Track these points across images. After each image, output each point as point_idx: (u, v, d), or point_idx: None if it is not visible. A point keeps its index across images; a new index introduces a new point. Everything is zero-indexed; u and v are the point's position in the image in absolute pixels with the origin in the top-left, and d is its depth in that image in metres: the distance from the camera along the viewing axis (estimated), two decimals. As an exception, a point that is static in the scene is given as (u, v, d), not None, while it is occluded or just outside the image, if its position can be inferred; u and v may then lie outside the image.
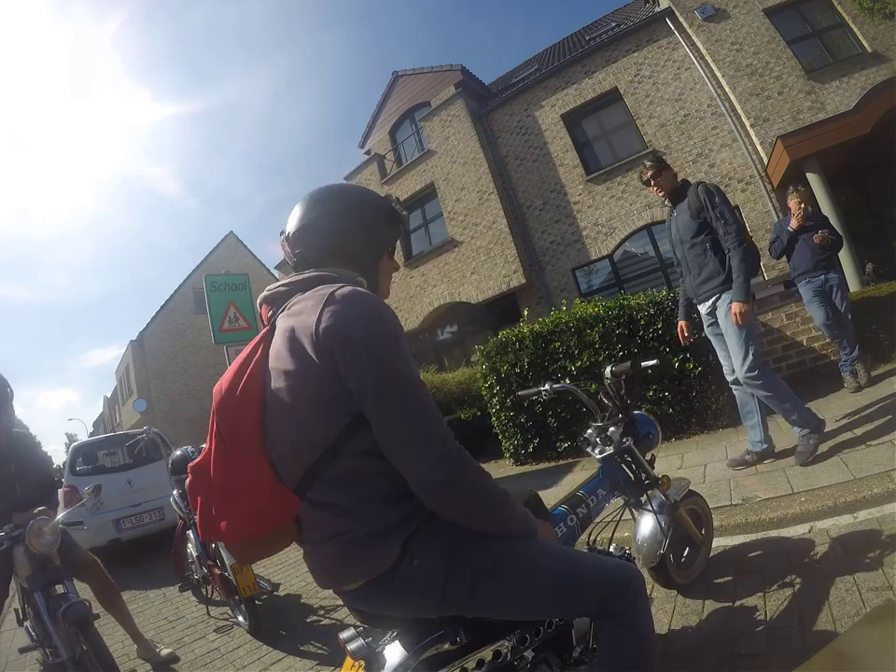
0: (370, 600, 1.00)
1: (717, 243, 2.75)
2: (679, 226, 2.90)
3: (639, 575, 1.09)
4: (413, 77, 12.68)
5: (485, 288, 10.49)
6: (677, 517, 1.83)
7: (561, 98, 10.28)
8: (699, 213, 2.75)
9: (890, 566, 1.68)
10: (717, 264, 2.76)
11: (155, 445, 5.38)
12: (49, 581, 2.25)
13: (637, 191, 9.40)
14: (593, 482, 1.69)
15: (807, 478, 2.46)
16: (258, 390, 0.94)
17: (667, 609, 1.91)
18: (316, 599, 3.03)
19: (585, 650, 1.34)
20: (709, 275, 2.79)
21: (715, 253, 2.76)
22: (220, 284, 5.97)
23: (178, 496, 3.39)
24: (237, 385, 0.94)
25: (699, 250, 2.81)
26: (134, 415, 18.79)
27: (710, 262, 2.78)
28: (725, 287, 2.73)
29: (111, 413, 30.27)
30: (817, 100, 8.11)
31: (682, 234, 2.88)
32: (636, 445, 1.78)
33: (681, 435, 3.98)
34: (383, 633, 1.13)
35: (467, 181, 10.89)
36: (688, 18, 8.94)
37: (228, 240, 22.84)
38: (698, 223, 2.77)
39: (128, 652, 2.78)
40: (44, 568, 2.25)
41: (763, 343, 4.53)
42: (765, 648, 1.53)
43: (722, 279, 2.74)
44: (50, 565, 2.28)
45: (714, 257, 2.76)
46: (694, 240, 2.81)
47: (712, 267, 2.77)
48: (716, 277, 2.77)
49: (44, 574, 2.24)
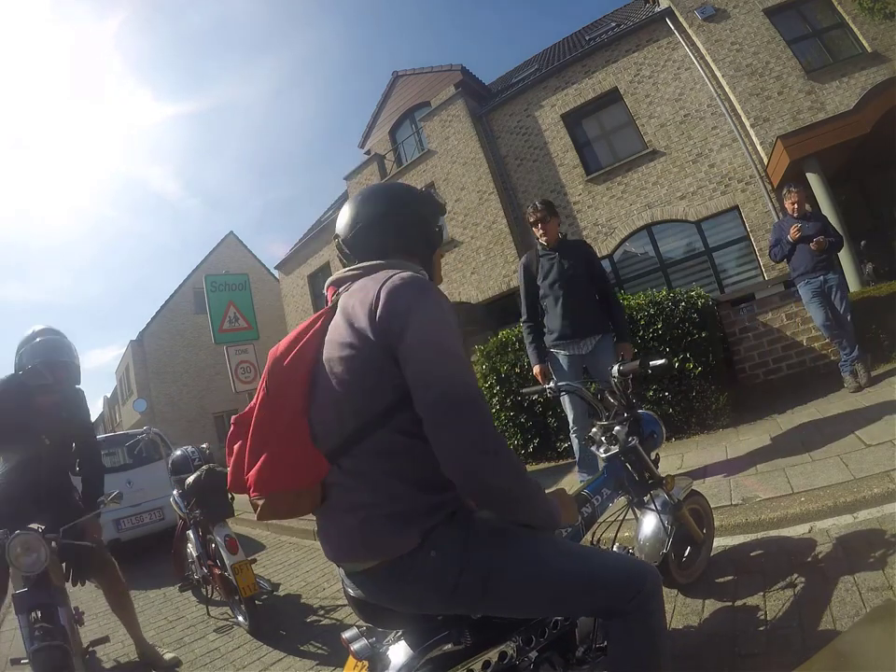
0: (377, 586, 1.00)
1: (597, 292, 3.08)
2: (561, 269, 3.04)
3: (656, 576, 1.09)
4: (413, 76, 12.68)
5: (485, 288, 10.49)
6: (679, 517, 1.83)
7: (561, 98, 10.28)
8: (588, 265, 3.07)
9: (890, 566, 1.68)
10: (599, 310, 3.05)
11: (155, 445, 5.38)
12: (37, 604, 1.96)
13: (637, 191, 9.40)
14: (597, 481, 1.69)
15: (807, 478, 2.46)
16: (311, 356, 1.00)
17: (667, 608, 1.91)
18: (316, 599, 3.03)
19: (589, 649, 1.34)
20: (594, 317, 3.01)
21: (595, 300, 3.06)
22: (220, 284, 5.98)
23: (178, 496, 3.39)
24: (292, 349, 1.01)
25: (584, 294, 3.02)
26: (134, 415, 18.77)
27: (594, 306, 3.03)
28: (607, 330, 3.03)
29: (111, 413, 30.25)
30: (817, 100, 8.10)
31: (562, 276, 3.03)
32: (640, 444, 1.77)
33: (681, 435, 3.98)
34: (385, 633, 1.13)
35: (467, 181, 10.90)
36: (688, 18, 8.94)
37: (228, 240, 22.81)
38: (587, 272, 3.05)
39: (128, 652, 2.78)
40: (36, 589, 1.97)
41: (763, 342, 4.53)
42: (765, 648, 1.53)
43: (605, 323, 3.03)
44: (46, 585, 2.00)
45: (596, 303, 3.05)
46: (580, 284, 3.02)
47: (596, 310, 3.03)
48: (600, 321, 3.02)
49: (33, 596, 1.96)
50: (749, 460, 2.99)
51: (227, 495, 3.09)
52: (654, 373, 1.90)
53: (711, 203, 8.85)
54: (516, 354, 4.56)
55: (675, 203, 9.12)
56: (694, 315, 3.99)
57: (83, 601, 3.18)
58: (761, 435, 3.41)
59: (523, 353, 4.52)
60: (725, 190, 8.74)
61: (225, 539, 2.81)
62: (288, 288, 16.35)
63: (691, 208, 8.99)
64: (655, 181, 9.28)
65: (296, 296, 16.04)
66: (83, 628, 2.58)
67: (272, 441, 0.98)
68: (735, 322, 4.60)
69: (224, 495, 3.07)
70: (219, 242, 22.50)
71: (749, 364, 4.56)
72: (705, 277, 8.93)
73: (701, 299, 4.15)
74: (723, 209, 8.79)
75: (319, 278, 15.33)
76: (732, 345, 4.59)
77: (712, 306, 4.41)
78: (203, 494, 2.99)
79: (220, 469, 3.18)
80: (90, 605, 3.26)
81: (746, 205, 8.59)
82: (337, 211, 9.24)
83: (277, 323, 18.18)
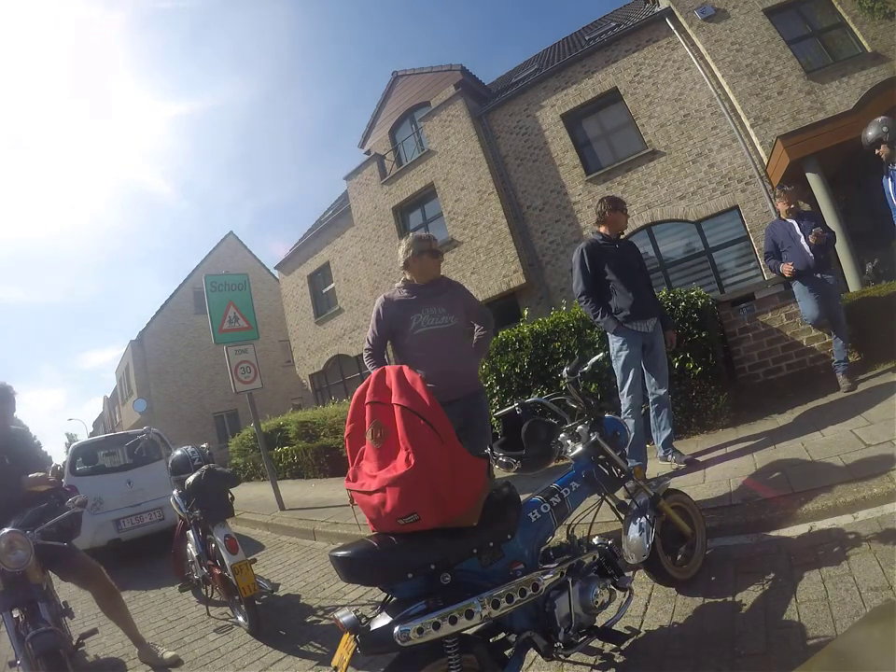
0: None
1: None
2: (628, 258, 3.43)
3: None
4: (413, 76, 12.67)
5: (485, 288, 10.48)
6: (659, 508, 1.92)
7: (561, 98, 10.28)
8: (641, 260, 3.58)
9: (890, 566, 1.68)
10: (654, 296, 3.54)
11: (155, 445, 5.37)
12: (20, 601, 2.05)
13: (636, 191, 9.40)
14: (566, 475, 1.83)
15: (807, 478, 2.46)
16: None
17: (667, 608, 1.91)
18: (316, 599, 3.03)
19: (568, 629, 1.47)
20: (654, 302, 3.45)
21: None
22: (220, 284, 5.96)
23: (178, 495, 3.39)
24: None
25: (646, 281, 3.48)
26: (134, 415, 18.79)
27: (652, 293, 3.51)
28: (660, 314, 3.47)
29: (111, 413, 30.25)
30: (817, 100, 8.10)
31: (631, 265, 3.42)
32: (605, 441, 1.88)
33: (681, 435, 3.98)
34: (372, 609, 1.35)
35: (467, 181, 10.89)
36: (688, 18, 8.94)
37: (228, 240, 22.83)
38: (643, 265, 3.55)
39: (128, 652, 2.78)
40: (16, 587, 2.05)
41: (763, 342, 4.54)
42: (765, 648, 1.53)
43: (659, 309, 3.51)
44: (24, 583, 2.08)
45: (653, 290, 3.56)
46: (643, 272, 3.49)
47: (654, 297, 3.51)
48: (656, 306, 3.47)
49: (15, 594, 2.04)
50: (748, 460, 2.99)
51: (227, 495, 3.08)
52: (593, 367, 2.10)
53: (711, 203, 8.85)
54: (516, 354, 4.56)
55: (675, 203, 9.12)
56: (694, 315, 3.99)
57: (71, 594, 3.18)
58: (761, 435, 3.42)
59: (523, 353, 4.52)
60: (725, 190, 8.74)
61: (225, 539, 2.81)
62: (288, 288, 16.35)
63: (691, 208, 8.99)
64: (655, 181, 9.28)
65: (296, 296, 16.04)
66: (73, 621, 2.60)
67: None
68: (735, 322, 4.60)
69: (224, 495, 3.06)
70: (219, 242, 22.51)
71: (749, 364, 4.55)
72: (705, 277, 8.93)
73: (701, 299, 4.15)
74: (723, 209, 8.79)
75: (319, 278, 15.34)
76: (732, 345, 4.59)
77: (712, 306, 4.40)
78: (203, 494, 2.99)
79: (220, 469, 3.18)
80: (77, 595, 3.23)
81: (746, 205, 8.59)
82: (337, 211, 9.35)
83: (277, 323, 18.22)
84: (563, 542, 1.71)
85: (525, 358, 4.47)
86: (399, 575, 1.29)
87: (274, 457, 8.62)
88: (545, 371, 4.39)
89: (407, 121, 12.97)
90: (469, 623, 1.25)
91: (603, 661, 1.72)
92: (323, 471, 7.77)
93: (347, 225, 13.82)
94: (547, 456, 1.84)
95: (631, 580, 1.76)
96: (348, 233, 13.83)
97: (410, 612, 1.24)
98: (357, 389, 1.51)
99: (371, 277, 12.67)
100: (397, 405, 1.33)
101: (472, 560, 1.41)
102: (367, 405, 1.43)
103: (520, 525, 1.54)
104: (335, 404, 9.50)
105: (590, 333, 4.20)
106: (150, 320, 20.63)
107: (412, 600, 1.29)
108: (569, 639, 1.47)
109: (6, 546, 1.98)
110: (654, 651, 1.70)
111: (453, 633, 1.23)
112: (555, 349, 4.37)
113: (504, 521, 1.50)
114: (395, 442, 1.34)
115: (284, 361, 19.74)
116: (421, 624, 1.19)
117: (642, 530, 1.79)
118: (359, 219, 13.08)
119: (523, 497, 1.65)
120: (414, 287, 2.56)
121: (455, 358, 2.45)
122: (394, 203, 12.32)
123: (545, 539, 1.66)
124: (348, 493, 1.46)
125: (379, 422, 1.38)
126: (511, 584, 1.37)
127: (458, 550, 1.37)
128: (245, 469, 10.26)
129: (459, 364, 2.47)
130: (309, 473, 8.12)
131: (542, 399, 1.92)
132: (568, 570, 1.57)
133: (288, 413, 10.86)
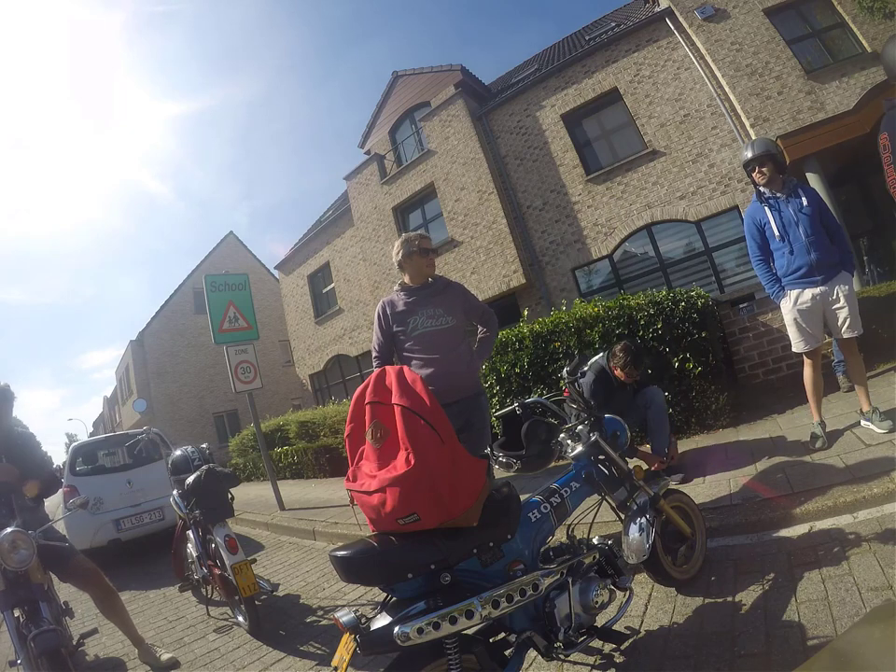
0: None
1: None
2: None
3: None
4: (413, 77, 12.67)
5: (485, 288, 10.47)
6: (659, 508, 1.93)
7: (561, 98, 10.27)
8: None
9: (890, 566, 1.68)
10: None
11: (155, 445, 5.37)
12: (21, 600, 2.06)
13: (636, 191, 9.40)
14: (566, 476, 1.83)
15: (807, 478, 2.46)
16: None
17: (667, 608, 1.91)
18: (316, 599, 3.03)
19: (568, 629, 1.47)
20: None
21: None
22: (220, 284, 5.96)
23: (178, 496, 3.38)
24: None
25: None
26: (134, 415, 18.79)
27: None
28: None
29: (111, 413, 30.25)
30: (816, 100, 8.10)
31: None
32: (604, 442, 1.88)
33: (681, 435, 3.98)
34: (371, 609, 1.35)
35: (466, 181, 10.89)
36: (688, 18, 8.94)
37: (228, 240, 22.82)
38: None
39: (128, 652, 2.78)
40: (17, 586, 2.06)
41: (763, 342, 4.53)
42: (765, 648, 1.53)
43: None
44: (26, 582, 2.09)
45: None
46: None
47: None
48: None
49: (16, 593, 2.05)
50: (748, 460, 2.99)
51: (227, 495, 3.08)
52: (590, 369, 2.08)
53: (711, 203, 8.84)
54: (516, 354, 4.56)
55: (675, 203, 9.12)
56: (694, 315, 3.99)
57: (71, 594, 3.17)
58: (760, 435, 3.42)
59: (523, 353, 4.52)
60: (725, 190, 8.74)
61: (225, 539, 2.81)
62: (288, 288, 16.35)
63: (690, 208, 8.99)
64: (655, 181, 9.28)
65: (296, 296, 16.03)
66: (73, 621, 2.60)
67: None
68: (735, 322, 4.60)
69: (224, 495, 3.06)
70: (219, 242, 22.51)
71: (749, 364, 4.56)
72: (705, 277, 8.93)
73: (701, 299, 4.15)
74: (723, 209, 8.78)
75: (319, 278, 15.34)
76: (732, 345, 4.59)
77: (712, 306, 4.41)
78: (203, 494, 2.99)
79: (220, 469, 3.18)
80: (77, 595, 3.23)
81: (746, 205, 8.55)
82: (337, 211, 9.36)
83: (277, 323, 18.22)
84: (563, 542, 1.71)
85: (525, 358, 4.47)
86: (398, 575, 1.29)
87: (274, 457, 8.63)
88: (545, 371, 4.39)
89: (407, 121, 12.96)
90: (468, 623, 1.25)
91: (603, 661, 1.72)
92: (323, 471, 7.77)
93: (347, 225, 13.82)
94: (547, 456, 1.84)
95: (631, 580, 1.76)
96: (348, 233, 13.83)
97: (410, 612, 1.24)
98: (357, 389, 1.51)
99: (370, 277, 12.67)
100: (397, 405, 1.33)
101: (472, 560, 1.41)
102: (367, 405, 1.43)
103: (520, 526, 1.55)
104: (335, 404, 9.50)
105: (589, 333, 4.20)
106: (150, 320, 20.62)
107: (412, 600, 1.29)
108: (569, 639, 1.47)
109: (9, 545, 2.00)
110: (654, 650, 1.70)
111: (453, 633, 1.23)
112: (555, 349, 4.37)
113: (504, 521, 1.50)
114: (395, 443, 1.34)
115: (284, 361, 19.75)
116: (421, 624, 1.19)
117: (642, 530, 1.79)
118: (359, 219, 13.08)
119: (523, 497, 1.65)
120: (411, 290, 2.55)
121: (454, 359, 2.44)
122: (394, 203, 12.32)
123: (545, 540, 1.66)
124: (348, 493, 1.46)
125: (379, 422, 1.38)
126: (511, 584, 1.37)
127: (458, 550, 1.37)
128: (244, 469, 10.26)
129: (459, 365, 2.45)
130: (309, 473, 8.12)
131: (542, 399, 1.92)
132: (568, 570, 1.57)
133: (288, 412, 10.86)
